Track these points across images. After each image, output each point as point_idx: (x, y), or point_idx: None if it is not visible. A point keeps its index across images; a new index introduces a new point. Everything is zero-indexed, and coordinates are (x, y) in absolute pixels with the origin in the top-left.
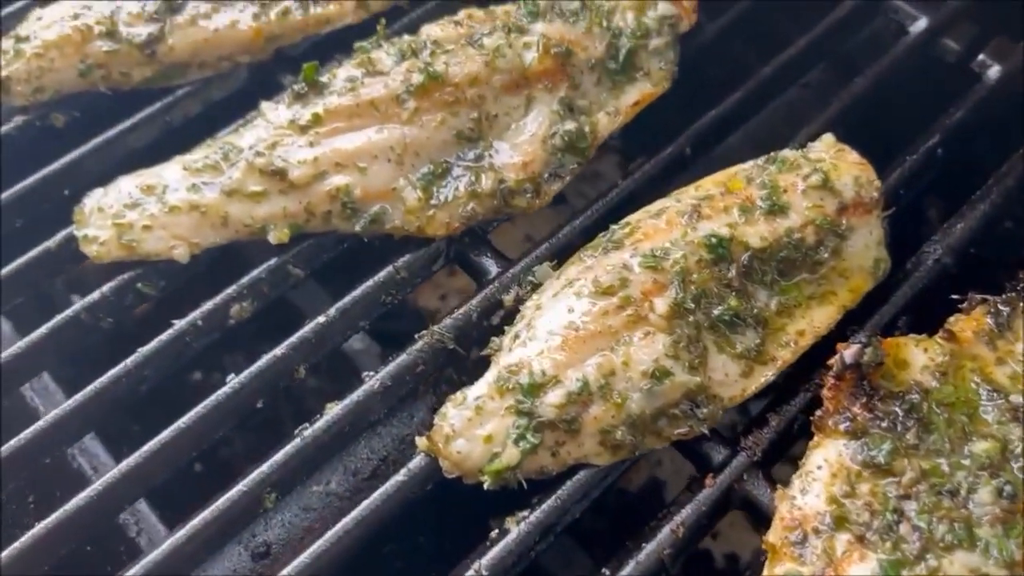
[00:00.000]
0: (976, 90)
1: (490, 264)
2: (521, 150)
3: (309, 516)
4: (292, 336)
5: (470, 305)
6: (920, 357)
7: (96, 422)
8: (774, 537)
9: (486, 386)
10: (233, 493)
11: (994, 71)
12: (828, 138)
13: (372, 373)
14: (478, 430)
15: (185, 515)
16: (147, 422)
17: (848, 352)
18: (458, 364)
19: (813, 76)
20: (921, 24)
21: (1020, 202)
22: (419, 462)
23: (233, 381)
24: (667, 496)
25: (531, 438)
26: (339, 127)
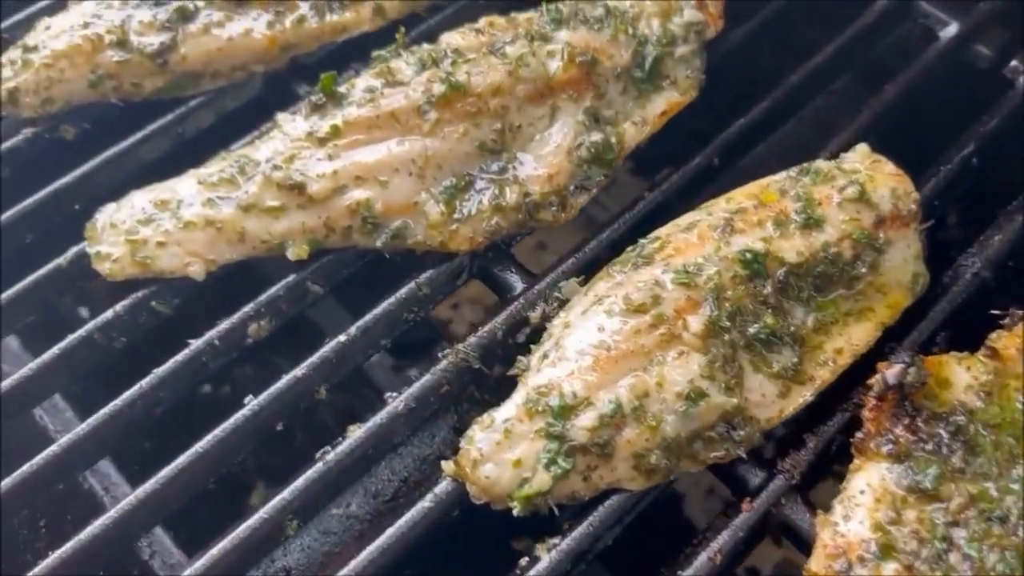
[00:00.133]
0: (1009, 97)
1: (515, 280)
2: (546, 162)
3: (329, 540)
4: (312, 355)
5: (495, 322)
6: (963, 376)
7: (111, 446)
8: (816, 565)
9: (514, 408)
10: (254, 521)
11: None
12: (863, 148)
13: (395, 394)
14: (507, 454)
15: (198, 534)
16: (159, 439)
17: (891, 372)
18: (480, 382)
19: (838, 83)
20: (952, 29)
21: None
22: (445, 487)
23: (252, 403)
24: (685, 509)
25: (563, 463)
26: (359, 139)
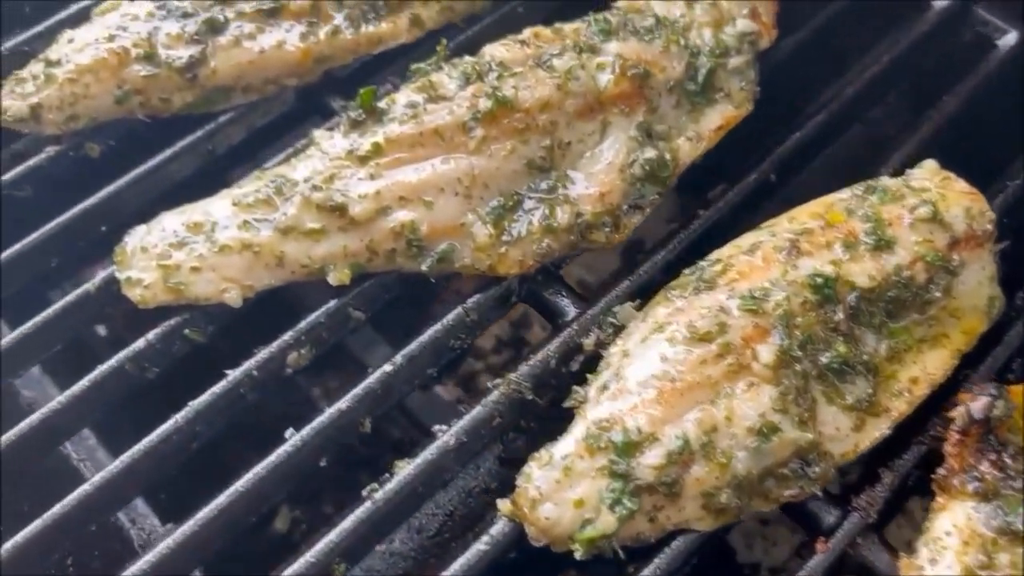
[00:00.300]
0: None
1: (566, 304)
2: (597, 180)
3: None
4: (356, 387)
5: (547, 350)
6: None
7: (145, 484)
8: None
9: (574, 443)
10: (300, 565)
11: None
12: (931, 164)
13: (444, 428)
14: (567, 493)
15: (229, 564)
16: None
17: (976, 406)
18: (530, 412)
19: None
20: (1011, 38)
21: None
22: (502, 528)
23: (294, 438)
24: (731, 537)
25: (628, 503)
26: (401, 158)
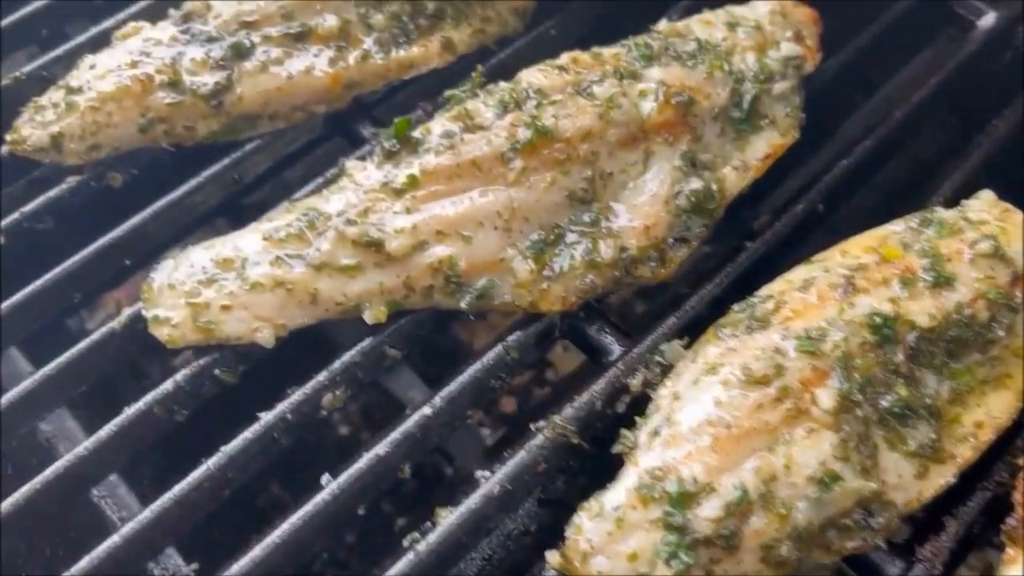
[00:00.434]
0: None
1: (610, 342)
2: (642, 212)
3: None
4: (395, 431)
5: (593, 391)
6: None
7: (176, 534)
8: None
9: (626, 493)
10: None
11: None
12: (988, 196)
13: (487, 474)
14: (620, 546)
15: None
16: None
17: None
18: (575, 455)
19: None
20: None
21: None
22: None
23: (331, 485)
24: None
25: (685, 557)
26: (438, 190)
